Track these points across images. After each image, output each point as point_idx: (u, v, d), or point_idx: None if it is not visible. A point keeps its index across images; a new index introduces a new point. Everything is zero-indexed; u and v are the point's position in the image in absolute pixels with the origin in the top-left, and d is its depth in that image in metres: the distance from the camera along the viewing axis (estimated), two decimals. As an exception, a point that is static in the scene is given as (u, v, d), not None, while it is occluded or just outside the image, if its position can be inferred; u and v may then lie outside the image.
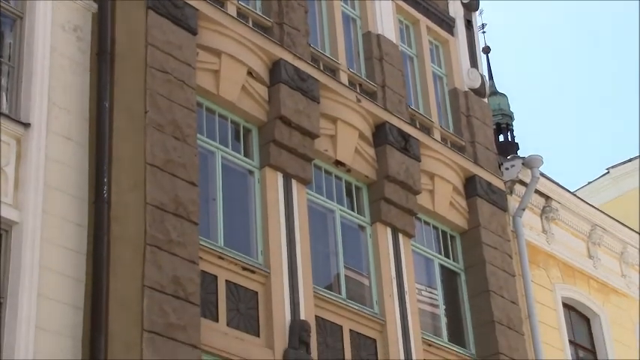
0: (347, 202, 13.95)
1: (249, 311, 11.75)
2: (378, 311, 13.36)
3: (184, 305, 10.45)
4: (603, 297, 17.58)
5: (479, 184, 15.64)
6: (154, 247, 10.44)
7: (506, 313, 14.91)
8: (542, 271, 16.42)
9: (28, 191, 9.89)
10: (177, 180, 11.00)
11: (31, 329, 9.46)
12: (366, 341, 13.07)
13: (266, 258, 12.16)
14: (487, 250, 15.20)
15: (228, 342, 11.21)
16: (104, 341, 9.76)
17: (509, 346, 14.62)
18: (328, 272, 13.36)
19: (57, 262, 9.89)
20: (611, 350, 17.07)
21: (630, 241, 18.38)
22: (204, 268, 11.27)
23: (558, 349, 15.99)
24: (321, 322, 12.58)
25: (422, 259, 14.79)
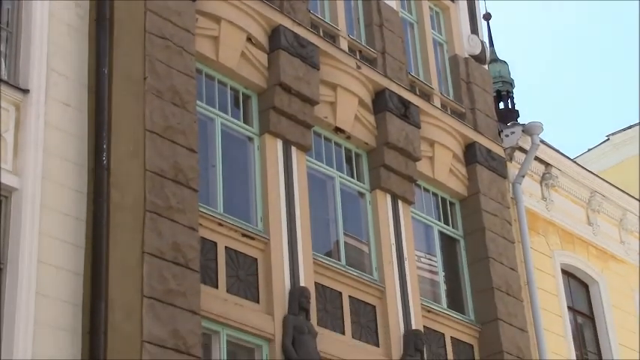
0: (347, 168, 13.95)
1: (249, 278, 11.78)
2: (377, 278, 13.40)
3: (184, 272, 10.48)
4: (602, 263, 17.63)
5: (479, 151, 15.63)
6: (154, 213, 10.44)
7: (506, 279, 14.96)
8: (542, 238, 16.46)
9: (27, 158, 9.88)
10: (176, 147, 10.98)
11: (31, 295, 9.49)
12: (365, 308, 13.12)
13: (265, 224, 12.18)
14: (486, 217, 15.22)
15: (227, 308, 11.26)
16: (104, 307, 9.79)
17: (508, 313, 14.68)
18: (328, 239, 13.39)
19: (56, 229, 9.90)
20: (609, 316, 17.14)
21: (630, 207, 18.40)
22: (204, 234, 11.29)
23: (557, 315, 16.05)
24: (321, 288, 12.63)
25: (421, 226, 14.81)
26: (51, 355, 9.46)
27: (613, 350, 16.87)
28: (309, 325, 11.85)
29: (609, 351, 16.88)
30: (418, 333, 13.25)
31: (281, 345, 11.57)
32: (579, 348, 16.62)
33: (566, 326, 16.17)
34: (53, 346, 9.53)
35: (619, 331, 17.14)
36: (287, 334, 11.64)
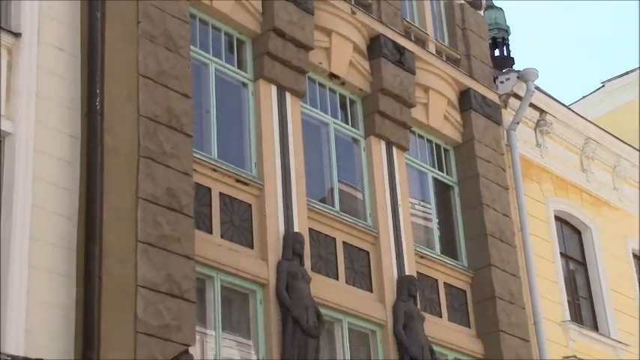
0: (341, 115, 13.92)
1: (243, 223, 11.81)
2: (371, 224, 13.44)
3: (178, 217, 10.50)
4: (595, 210, 17.69)
5: (473, 98, 15.59)
6: (148, 159, 10.44)
7: (499, 225, 15.02)
8: (535, 185, 16.49)
9: (20, 102, 9.85)
10: (170, 92, 10.94)
11: (25, 240, 9.51)
12: (359, 253, 13.18)
13: (260, 170, 12.19)
14: (481, 164, 15.23)
15: (221, 253, 11.30)
16: (98, 252, 9.83)
17: (500, 259, 14.76)
18: (322, 185, 13.41)
19: (50, 174, 9.90)
20: (601, 263, 17.24)
21: (624, 154, 18.42)
22: (198, 180, 11.29)
23: (549, 261, 16.14)
24: (315, 234, 12.67)
25: (415, 173, 14.83)
26: (46, 299, 9.51)
27: (604, 296, 16.99)
28: (302, 271, 11.91)
29: (601, 297, 17.00)
30: (411, 278, 13.32)
31: (275, 290, 11.64)
32: (571, 293, 16.74)
33: (559, 272, 16.28)
34: (48, 291, 9.58)
35: (611, 277, 17.26)
36: (281, 279, 11.70)
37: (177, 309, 10.13)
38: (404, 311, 13.01)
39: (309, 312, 11.56)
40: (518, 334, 14.42)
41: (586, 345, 16.06)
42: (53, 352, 9.38)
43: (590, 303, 17.06)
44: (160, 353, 9.79)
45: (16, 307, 9.27)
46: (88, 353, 9.45)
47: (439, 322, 13.84)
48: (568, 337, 15.79)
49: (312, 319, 11.55)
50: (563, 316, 15.90)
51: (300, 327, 11.47)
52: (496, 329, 14.18)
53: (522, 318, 14.65)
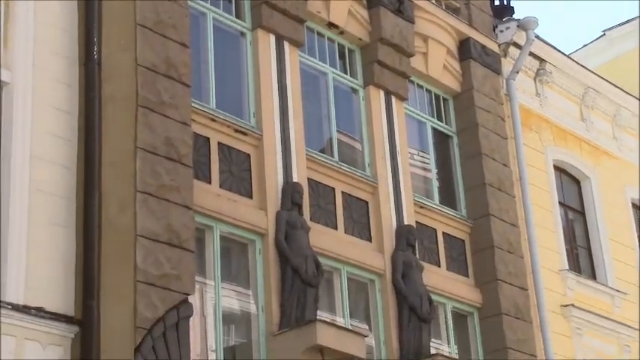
0: (340, 64, 13.86)
1: (242, 173, 11.82)
2: (370, 174, 13.45)
3: (177, 167, 10.50)
4: (594, 159, 17.68)
5: (473, 47, 15.52)
6: (146, 108, 10.41)
7: (498, 175, 15.03)
8: (535, 134, 16.48)
9: (18, 51, 9.81)
10: (168, 41, 10.88)
11: (24, 190, 9.54)
12: (358, 203, 13.20)
13: (258, 120, 12.17)
14: (480, 113, 15.20)
15: (220, 203, 11.32)
16: (97, 202, 9.85)
17: (499, 208, 14.79)
18: (321, 135, 13.39)
19: (49, 123, 9.89)
20: (600, 212, 17.27)
21: (624, 103, 18.37)
22: (197, 130, 11.27)
23: (548, 210, 16.18)
24: (314, 184, 12.68)
25: (414, 122, 14.81)
26: (45, 249, 9.56)
27: (603, 245, 17.05)
28: (301, 221, 11.94)
29: (599, 246, 17.06)
30: (410, 228, 13.36)
31: (274, 240, 11.68)
32: (569, 242, 16.80)
33: (557, 221, 16.32)
34: (48, 241, 9.62)
35: (609, 226, 17.30)
36: (280, 229, 11.73)
37: (176, 258, 10.17)
38: (402, 261, 13.06)
39: (308, 261, 11.60)
40: (517, 283, 14.49)
41: (584, 293, 16.15)
42: (53, 301, 9.45)
43: (588, 252, 17.12)
44: (159, 302, 9.85)
45: (16, 257, 9.32)
46: (88, 302, 9.52)
47: (438, 272, 13.91)
48: (566, 285, 15.88)
49: (311, 269, 11.60)
50: (561, 265, 15.97)
51: (299, 276, 11.52)
52: (494, 278, 14.25)
53: (521, 267, 14.72)
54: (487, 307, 14.17)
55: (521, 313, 14.31)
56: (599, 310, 16.19)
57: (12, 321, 9.08)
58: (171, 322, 9.89)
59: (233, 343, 11.48)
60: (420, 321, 12.78)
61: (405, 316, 12.80)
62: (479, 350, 14.04)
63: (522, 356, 14.00)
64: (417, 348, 12.64)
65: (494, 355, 13.91)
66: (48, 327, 9.33)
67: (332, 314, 12.34)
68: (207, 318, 11.08)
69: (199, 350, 10.87)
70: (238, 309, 11.55)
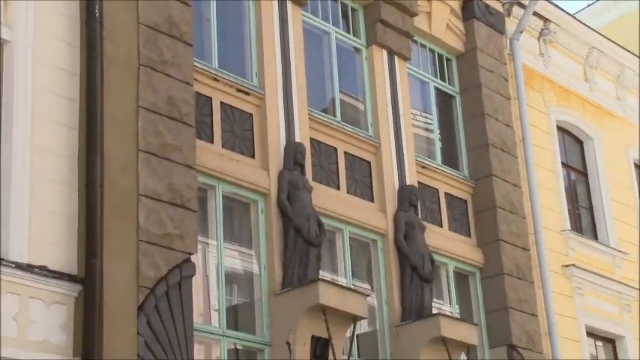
0: (342, 24, 13.78)
1: (244, 133, 11.80)
2: (372, 134, 13.42)
3: (179, 126, 10.48)
4: (598, 120, 17.63)
5: (476, 6, 15.41)
6: (148, 67, 10.36)
7: (501, 135, 15.00)
8: (538, 94, 16.41)
9: (18, 9, 9.74)
10: (169, 0, 10.81)
11: (26, 149, 9.52)
12: (360, 163, 13.19)
13: (261, 80, 12.12)
14: (483, 73, 15.13)
15: (223, 163, 11.31)
16: (100, 161, 9.84)
17: (502, 169, 14.77)
18: (323, 95, 13.35)
19: (50, 82, 9.85)
20: (602, 172, 17.26)
21: (628, 64, 18.27)
22: (199, 89, 11.24)
23: (550, 171, 16.17)
24: (316, 144, 12.66)
25: (417, 82, 14.75)
26: (48, 207, 9.57)
27: (605, 205, 17.05)
28: (304, 180, 11.93)
29: (601, 206, 17.06)
30: (412, 188, 13.35)
31: (276, 200, 11.68)
32: (571, 203, 16.79)
33: (559, 182, 16.31)
34: (50, 199, 9.63)
35: (611, 186, 17.29)
36: (282, 188, 11.73)
37: (179, 218, 10.18)
38: (405, 221, 13.07)
39: (310, 221, 11.61)
40: (518, 244, 14.51)
41: (585, 254, 16.18)
42: (56, 260, 9.48)
43: (590, 212, 17.13)
44: (162, 261, 9.87)
45: (19, 216, 9.33)
46: (90, 261, 9.55)
47: (440, 232, 13.93)
48: (568, 246, 15.90)
49: (314, 229, 11.61)
50: (563, 225, 15.98)
51: (302, 236, 11.53)
52: (496, 238, 14.27)
53: (522, 227, 14.73)
54: (489, 267, 14.21)
55: (522, 273, 14.35)
56: (601, 270, 16.23)
57: (16, 279, 9.12)
58: (173, 282, 9.92)
59: (235, 303, 11.52)
60: (421, 281, 12.81)
61: (407, 276, 12.83)
62: (480, 310, 14.09)
63: (523, 316, 14.06)
64: (419, 308, 12.69)
65: (496, 314, 13.96)
66: (51, 285, 9.36)
67: (334, 274, 12.38)
68: (209, 278, 11.12)
69: (202, 310, 10.92)
70: (241, 269, 11.58)
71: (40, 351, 9.14)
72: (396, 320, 12.60)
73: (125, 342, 9.47)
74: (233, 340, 10.98)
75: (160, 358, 9.56)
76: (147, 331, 9.54)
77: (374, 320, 12.67)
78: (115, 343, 9.49)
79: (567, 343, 14.93)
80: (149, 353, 9.49)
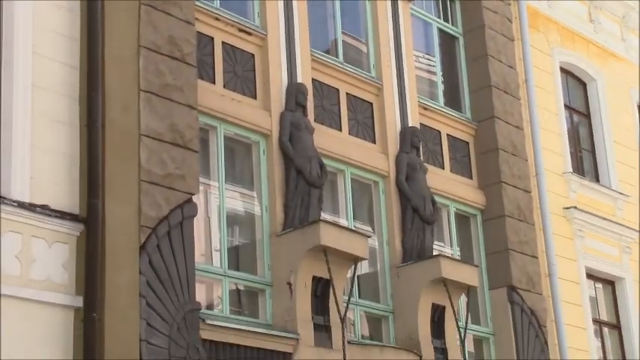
0: (345, -37, 13.66)
1: (246, 73, 11.75)
2: (375, 75, 13.36)
3: (180, 66, 10.42)
4: (601, 61, 17.52)
5: (480, -55, 15.26)
6: (149, 6, 10.26)
7: (503, 77, 14.92)
8: (542, 35, 16.30)
9: (17, -54, 9.65)
10: (170, -62, 10.70)
11: (27, 88, 9.48)
12: (362, 104, 13.15)
13: (262, 20, 12.03)
14: (487, 14, 15.00)
15: (224, 103, 11.28)
16: (101, 100, 9.80)
17: (504, 110, 14.73)
18: (326, 36, 13.27)
19: (51, 20, 9.77)
20: (605, 114, 17.20)
21: (633, 4, 18.09)
22: (200, 29, 11.16)
23: (553, 113, 16.12)
24: (318, 85, 12.61)
25: (420, 23, 14.65)
26: (50, 146, 9.55)
27: (607, 148, 17.04)
28: (306, 122, 11.90)
29: (603, 148, 17.04)
30: (415, 130, 13.33)
31: (278, 141, 11.67)
32: (574, 145, 16.77)
33: (562, 124, 16.26)
34: (52, 138, 9.60)
35: (614, 129, 17.25)
36: (284, 129, 11.70)
37: (180, 158, 10.18)
38: (406, 162, 13.07)
39: (312, 162, 11.61)
40: (520, 186, 14.52)
41: (587, 196, 16.19)
42: (58, 199, 9.48)
43: (592, 155, 17.12)
44: (163, 202, 9.89)
45: (21, 154, 9.31)
46: (92, 200, 9.55)
47: (441, 174, 13.93)
48: (569, 188, 15.91)
49: (315, 170, 11.61)
50: (565, 167, 15.98)
51: (304, 177, 11.54)
52: (498, 180, 14.28)
53: (524, 169, 14.73)
54: (490, 209, 14.24)
55: (523, 215, 14.38)
56: (602, 213, 16.26)
57: (18, 218, 9.13)
58: (175, 222, 9.95)
59: (237, 244, 11.56)
60: (423, 222, 12.85)
61: (409, 218, 12.86)
62: (481, 251, 14.15)
63: (524, 258, 14.12)
64: (420, 249, 12.74)
65: (496, 256, 14.02)
66: (53, 225, 9.38)
67: (335, 216, 12.41)
68: (211, 219, 11.15)
69: (204, 250, 10.96)
70: (242, 210, 11.61)
71: (42, 289, 9.19)
72: (396, 261, 12.66)
73: (127, 281, 9.52)
74: (234, 281, 11.04)
75: (162, 297, 9.62)
76: (149, 271, 9.59)
77: (375, 261, 12.73)
78: (117, 282, 9.54)
79: (567, 285, 15.02)
80: (151, 292, 9.55)
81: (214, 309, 10.78)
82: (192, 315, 9.82)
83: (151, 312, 9.49)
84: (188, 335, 9.72)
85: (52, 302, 9.23)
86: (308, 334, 10.92)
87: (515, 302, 13.78)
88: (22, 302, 9.02)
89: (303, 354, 10.80)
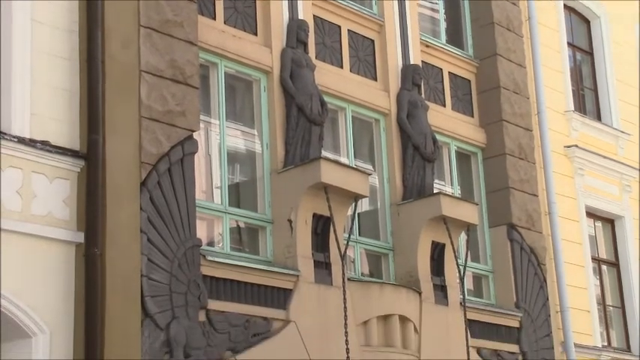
0: None
1: (247, 9, 11.66)
2: (376, 12, 13.26)
3: (181, 2, 10.31)
4: (605, -3, 17.42)
5: None
6: (148, -59, 10.17)
7: (506, 13, 14.80)
8: (545, -28, 16.15)
9: None
10: None
11: (27, 23, 9.46)
12: (364, 41, 13.07)
13: (264, -45, 11.92)
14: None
15: (225, 40, 11.21)
16: (101, 36, 9.75)
17: (507, 48, 14.64)
18: (328, -28, 13.14)
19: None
20: (608, 52, 17.10)
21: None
22: (200, -36, 11.06)
23: (556, 51, 16.02)
24: (320, 21, 12.53)
25: (423, -42, 14.52)
26: (50, 82, 9.54)
27: (609, 86, 16.97)
28: (307, 59, 11.84)
29: (606, 87, 16.98)
30: (416, 67, 13.26)
31: (279, 78, 11.62)
32: (576, 83, 16.72)
33: (565, 62, 16.18)
34: (52, 74, 9.58)
35: (617, 67, 17.15)
36: (285, 66, 11.64)
37: (181, 95, 10.15)
38: (408, 100, 13.03)
39: (313, 100, 11.57)
40: (521, 124, 14.49)
41: (588, 134, 16.17)
42: (58, 135, 9.49)
43: (594, 93, 17.06)
44: (164, 138, 9.88)
45: (21, 90, 9.30)
46: (93, 136, 9.56)
47: (443, 111, 13.90)
48: (571, 126, 15.89)
49: (316, 107, 11.58)
50: (567, 105, 15.94)
51: (304, 114, 11.51)
52: (499, 119, 14.25)
53: (526, 107, 14.69)
54: (491, 147, 14.23)
55: (524, 154, 14.37)
56: (603, 151, 16.26)
57: (18, 154, 9.15)
58: (176, 158, 9.95)
59: (237, 181, 11.58)
60: (423, 160, 12.85)
61: (409, 156, 12.86)
62: (481, 190, 14.17)
63: (524, 196, 14.14)
64: (420, 187, 12.76)
65: (496, 194, 14.05)
66: (54, 160, 9.40)
67: (336, 153, 12.40)
68: (212, 157, 11.15)
69: (204, 187, 10.98)
70: (243, 147, 11.61)
71: (44, 224, 9.24)
72: (397, 199, 12.69)
73: (128, 217, 9.56)
74: (235, 217, 11.08)
75: (163, 233, 9.66)
76: (149, 207, 9.62)
77: (375, 199, 12.76)
78: (118, 218, 9.58)
79: (566, 223, 15.08)
80: (152, 228, 9.59)
81: (215, 246, 10.84)
82: (192, 251, 9.88)
83: (152, 248, 9.54)
84: (189, 271, 9.79)
85: (54, 238, 9.29)
86: (308, 270, 10.99)
87: (515, 240, 13.84)
88: (24, 237, 9.08)
89: (303, 290, 10.88)
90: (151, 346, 9.31)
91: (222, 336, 10.04)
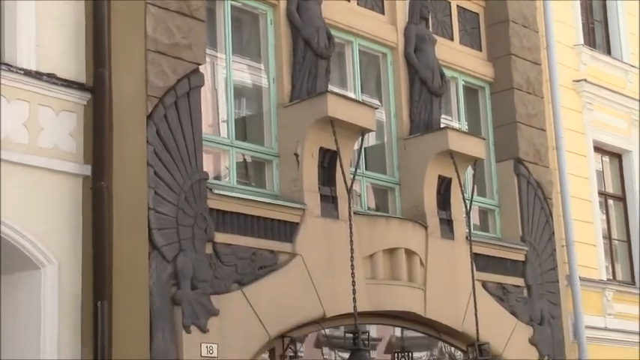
0: None
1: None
2: (384, -57, 13.12)
3: None
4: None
5: None
6: None
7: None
8: None
9: None
10: None
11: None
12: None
13: None
14: None
15: (231, -28, 11.13)
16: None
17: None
18: None
19: None
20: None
21: None
22: None
23: None
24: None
25: None
26: (55, 15, 9.50)
27: (620, 19, 16.69)
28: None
29: (616, 20, 16.73)
30: (424, 0, 13.14)
31: (285, 10, 11.54)
32: (586, 17, 16.47)
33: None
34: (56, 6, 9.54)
35: (628, 0, 17.02)
36: (292, 0, 11.57)
37: (187, 28, 10.10)
38: (415, 34, 12.94)
39: (319, 33, 11.50)
40: (530, 58, 14.40)
41: (597, 69, 16.07)
42: (64, 68, 9.47)
43: (604, 26, 16.90)
44: (170, 71, 9.86)
45: (26, 22, 9.25)
46: (99, 70, 9.54)
47: (450, 45, 13.80)
48: (580, 60, 15.78)
49: (323, 41, 11.51)
50: (576, 39, 15.81)
51: (311, 48, 11.45)
52: (507, 52, 14.14)
53: (535, 41, 14.57)
54: (499, 81, 14.16)
55: (532, 88, 14.30)
56: (612, 85, 16.16)
57: (24, 86, 9.14)
58: (182, 92, 9.94)
59: (244, 115, 11.57)
60: (431, 94, 12.80)
61: (416, 90, 12.82)
62: (488, 124, 14.14)
63: (531, 130, 14.11)
64: (427, 121, 12.73)
65: (504, 129, 14.02)
66: (60, 93, 9.39)
67: (343, 88, 12.36)
68: (218, 90, 11.13)
69: (211, 121, 10.98)
70: (249, 81, 11.57)
71: (50, 157, 9.27)
72: (404, 133, 12.68)
73: (135, 150, 9.59)
74: (241, 151, 11.09)
75: (170, 166, 9.69)
76: (156, 140, 9.64)
77: (382, 133, 12.75)
78: (125, 151, 9.61)
79: (574, 158, 15.06)
80: (158, 162, 9.62)
81: (222, 179, 10.87)
82: (199, 184, 9.92)
83: (159, 181, 9.58)
84: (195, 204, 9.84)
85: (61, 170, 9.32)
86: (314, 204, 11.03)
87: (522, 174, 13.85)
88: (31, 169, 9.11)
89: (309, 224, 10.93)
90: (158, 278, 9.40)
91: (229, 268, 10.12)
